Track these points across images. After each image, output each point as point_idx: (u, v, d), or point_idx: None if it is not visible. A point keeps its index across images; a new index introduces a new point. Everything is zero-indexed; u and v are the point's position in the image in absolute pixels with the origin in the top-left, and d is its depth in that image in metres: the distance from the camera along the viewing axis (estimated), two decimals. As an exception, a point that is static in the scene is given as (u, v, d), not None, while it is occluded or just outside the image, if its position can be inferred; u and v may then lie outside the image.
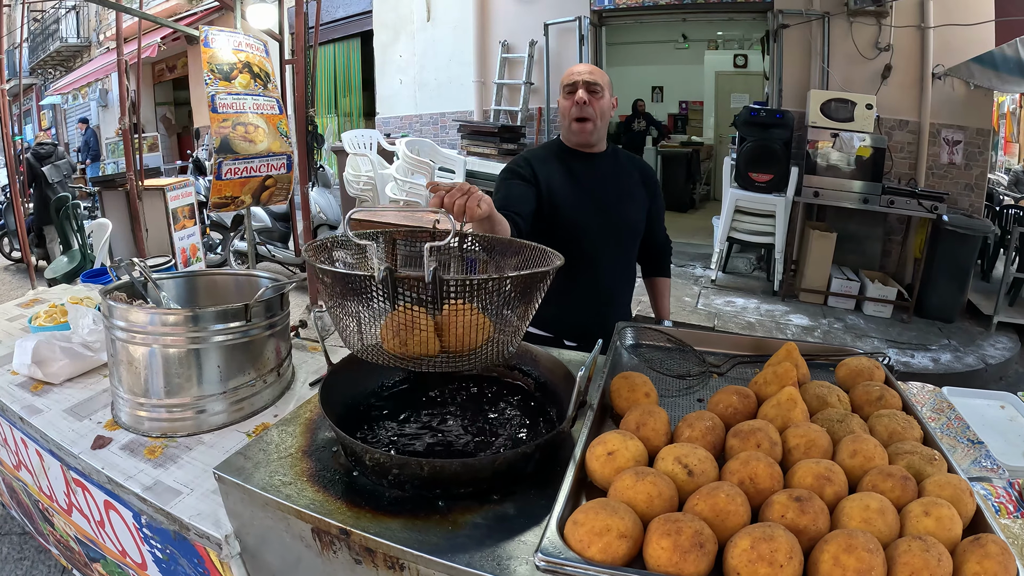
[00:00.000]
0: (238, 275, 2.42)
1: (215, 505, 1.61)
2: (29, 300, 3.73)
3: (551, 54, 9.58)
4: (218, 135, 4.25)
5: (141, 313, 1.91)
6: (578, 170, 2.67)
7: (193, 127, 17.69)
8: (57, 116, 24.80)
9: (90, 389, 2.41)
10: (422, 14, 10.90)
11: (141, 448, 1.93)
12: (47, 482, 2.46)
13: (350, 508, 1.32)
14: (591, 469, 1.36)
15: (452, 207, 1.69)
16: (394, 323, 1.37)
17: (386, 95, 11.88)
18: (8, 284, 9.69)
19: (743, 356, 2.09)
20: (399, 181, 7.44)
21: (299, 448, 1.54)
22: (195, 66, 16.99)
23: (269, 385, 2.08)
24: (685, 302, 7.03)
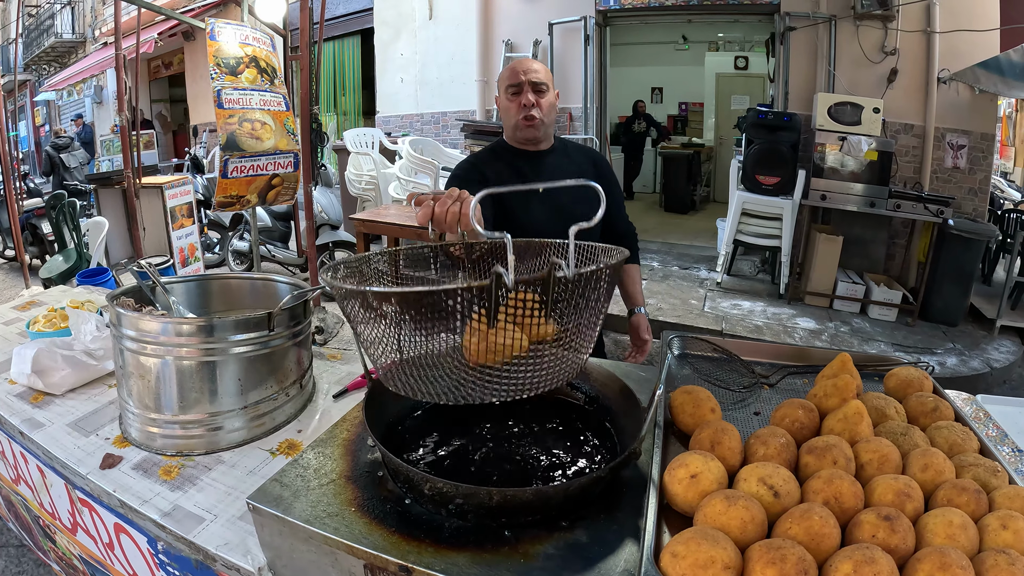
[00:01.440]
0: (254, 279, 2.29)
1: (244, 533, 1.48)
2: (25, 303, 3.58)
3: (555, 53, 9.53)
4: (224, 132, 4.12)
5: (153, 322, 1.77)
6: (526, 170, 2.59)
7: (189, 125, 17.67)
8: (51, 113, 24.57)
9: (95, 401, 2.27)
10: (424, 12, 10.84)
11: (155, 468, 1.79)
12: (49, 499, 2.32)
13: (408, 542, 1.21)
14: (672, 492, 1.29)
15: (445, 216, 1.59)
16: (486, 335, 1.23)
17: (387, 93, 11.80)
18: (1, 283, 9.47)
19: (791, 366, 2.05)
20: (402, 180, 7.46)
21: (341, 473, 1.42)
22: (192, 63, 17.01)
23: (291, 398, 1.96)
24: (692, 305, 7.01)
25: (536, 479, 1.41)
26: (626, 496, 1.38)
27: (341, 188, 8.94)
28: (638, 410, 1.50)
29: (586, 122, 9.33)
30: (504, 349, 1.24)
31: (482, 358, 1.25)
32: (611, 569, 1.18)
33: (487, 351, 1.24)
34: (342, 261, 1.50)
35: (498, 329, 1.22)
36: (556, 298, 1.23)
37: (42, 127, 25.29)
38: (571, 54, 9.38)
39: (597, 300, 1.31)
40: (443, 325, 1.26)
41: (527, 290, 1.21)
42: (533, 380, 1.27)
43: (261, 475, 1.69)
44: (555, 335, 1.31)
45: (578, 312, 1.29)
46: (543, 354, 1.30)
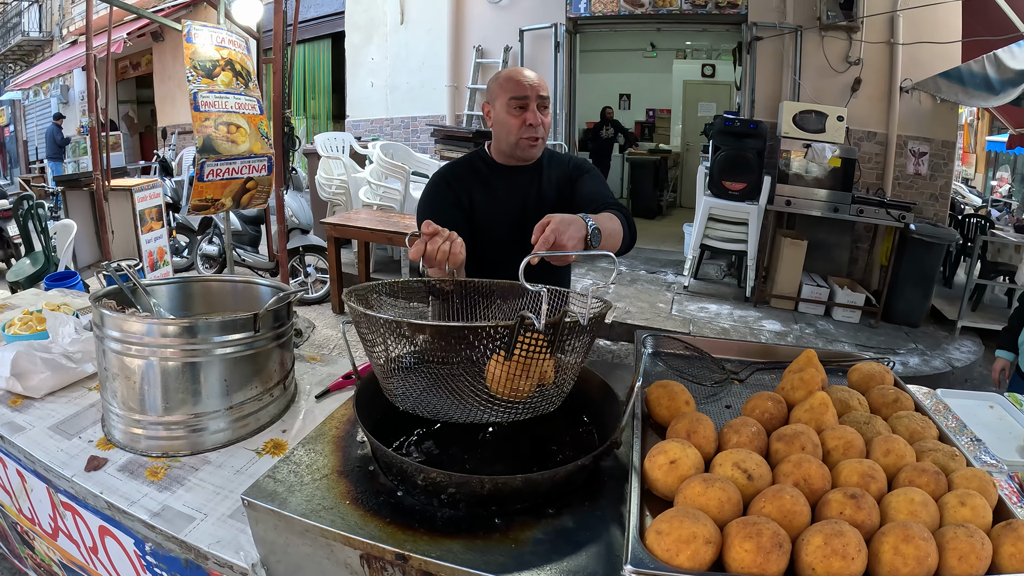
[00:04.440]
0: (236, 282, 2.29)
1: (235, 531, 1.50)
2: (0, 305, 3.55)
3: (526, 60, 9.59)
4: (200, 134, 4.09)
5: (138, 323, 1.78)
6: (501, 187, 2.47)
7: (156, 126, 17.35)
8: (16, 112, 23.91)
9: (76, 404, 2.26)
10: (395, 16, 10.86)
11: (141, 469, 1.79)
12: (28, 504, 2.29)
13: (403, 531, 1.24)
14: (653, 478, 1.36)
15: (436, 253, 1.69)
16: (509, 369, 1.34)
17: (357, 98, 11.78)
18: None
19: (760, 363, 2.14)
20: (373, 185, 7.44)
21: (333, 468, 1.44)
22: (160, 64, 16.72)
23: (275, 399, 1.97)
24: (660, 308, 7.08)
25: (523, 471, 1.43)
26: (607, 485, 1.45)
27: (311, 192, 8.90)
28: (616, 404, 1.56)
29: (555, 128, 9.37)
30: (528, 383, 1.37)
31: (504, 390, 1.35)
32: (599, 551, 1.24)
33: (511, 384, 1.35)
34: (355, 288, 1.58)
35: (526, 365, 1.33)
36: (563, 339, 1.36)
37: (7, 127, 24.78)
38: (541, 60, 9.42)
39: (592, 339, 1.45)
40: (459, 356, 1.36)
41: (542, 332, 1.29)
42: (536, 407, 1.42)
43: (248, 474, 1.70)
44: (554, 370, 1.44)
45: (578, 351, 1.44)
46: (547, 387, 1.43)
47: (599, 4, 9.01)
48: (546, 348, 1.34)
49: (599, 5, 9.01)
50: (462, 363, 1.36)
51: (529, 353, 1.32)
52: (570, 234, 1.75)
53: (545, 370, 1.39)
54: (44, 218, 6.91)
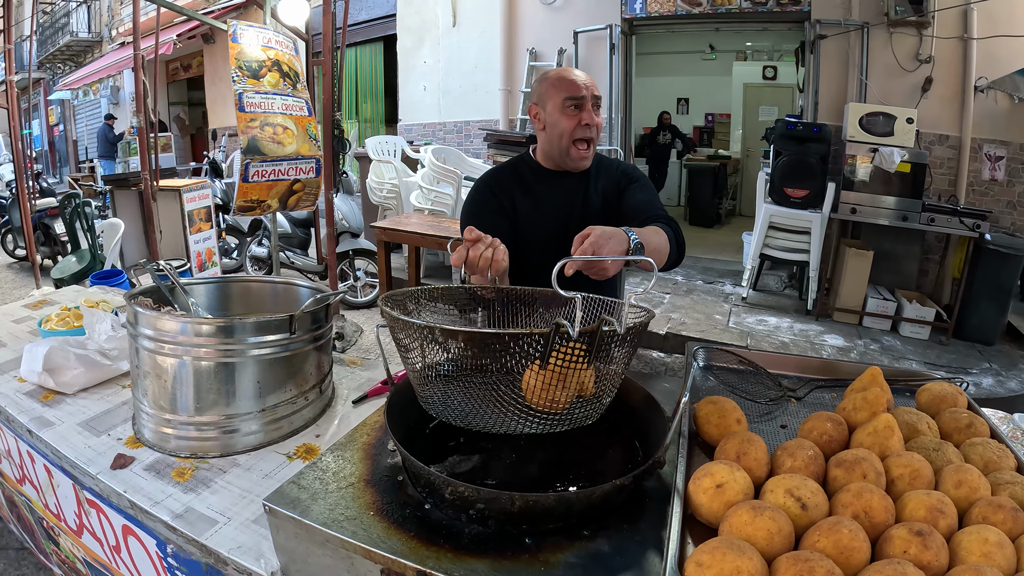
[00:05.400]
0: (275, 283, 2.28)
1: (258, 537, 1.46)
2: (37, 301, 3.57)
3: (580, 63, 9.28)
4: (245, 135, 4.10)
5: (172, 321, 1.75)
6: (546, 194, 2.41)
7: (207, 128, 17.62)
8: (65, 112, 24.67)
9: (107, 401, 2.25)
10: (447, 19, 10.70)
11: (168, 469, 1.77)
12: (55, 500, 2.30)
13: (427, 547, 1.19)
14: (697, 502, 1.28)
15: (478, 260, 1.67)
16: (545, 378, 1.29)
17: (409, 101, 11.68)
18: (11, 283, 9.55)
19: (820, 380, 2.02)
20: (424, 190, 7.41)
21: (360, 477, 1.39)
22: (211, 66, 16.97)
23: (310, 403, 1.93)
24: (716, 320, 6.89)
25: (557, 486, 1.39)
26: (648, 507, 1.36)
27: (362, 196, 8.87)
28: (662, 420, 1.48)
29: (610, 133, 9.20)
30: (565, 394, 1.31)
31: (540, 400, 1.30)
32: (634, 580, 1.15)
33: (547, 394, 1.30)
34: (391, 294, 1.54)
35: (562, 375, 1.28)
36: (601, 348, 1.30)
37: (56, 126, 25.51)
38: (595, 63, 9.13)
39: (633, 349, 1.40)
40: (494, 363, 1.33)
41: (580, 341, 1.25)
42: (573, 419, 1.36)
43: (277, 479, 1.66)
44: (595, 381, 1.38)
45: (618, 362, 1.38)
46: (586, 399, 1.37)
47: (655, 4, 8.79)
48: (583, 358, 1.27)
49: (655, 5, 8.79)
50: (497, 371, 1.31)
51: (566, 363, 1.26)
52: (610, 248, 1.67)
53: (584, 381, 1.33)
54: (91, 216, 7.05)
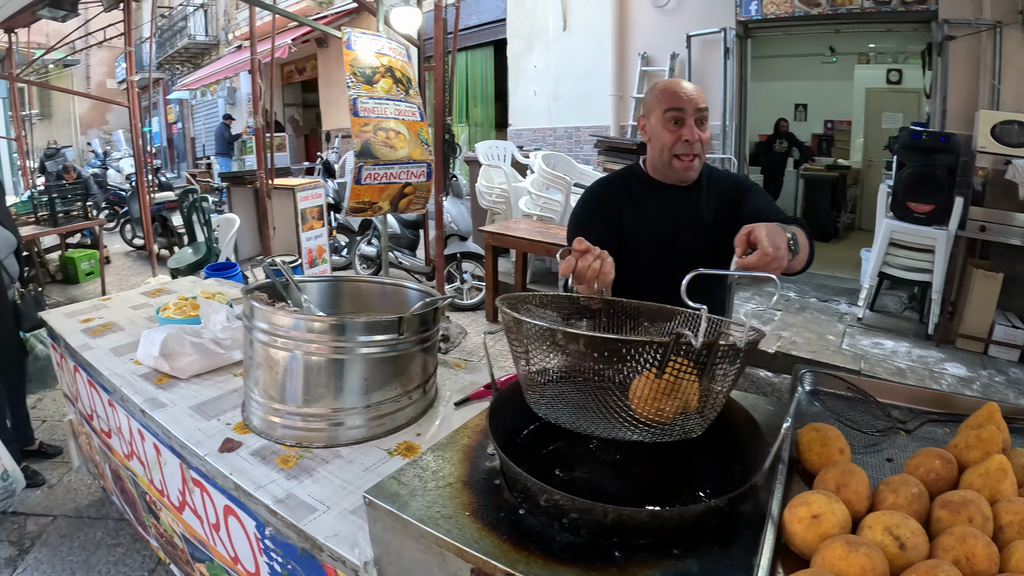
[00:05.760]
0: (385, 284, 2.35)
1: (354, 527, 1.51)
2: (155, 289, 3.75)
3: (694, 68, 8.99)
4: (359, 139, 4.23)
5: (286, 317, 1.84)
6: (653, 206, 2.34)
7: (321, 129, 18.21)
8: (184, 111, 26.12)
9: (219, 388, 2.36)
10: (558, 23, 10.54)
11: (274, 456, 1.85)
12: (160, 477, 2.42)
13: (518, 551, 1.20)
14: (791, 531, 1.23)
15: (586, 271, 1.67)
16: (657, 387, 1.29)
17: (519, 106, 11.59)
18: (128, 270, 10.10)
19: (933, 413, 1.91)
20: (533, 195, 7.38)
21: (458, 478, 1.43)
22: (324, 69, 17.52)
23: (413, 402, 1.99)
24: (829, 340, 6.58)
25: (651, 502, 1.39)
26: (741, 531, 1.33)
27: (471, 199, 8.89)
28: (762, 443, 1.45)
29: (724, 141, 8.87)
30: (673, 406, 1.31)
31: (648, 410, 1.31)
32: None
33: (655, 405, 1.30)
34: (506, 297, 1.55)
35: (674, 386, 1.28)
36: (714, 362, 1.29)
37: (174, 124, 26.86)
38: (709, 68, 8.80)
39: (743, 367, 1.39)
40: (608, 369, 1.33)
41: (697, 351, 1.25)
42: (676, 432, 1.35)
43: (377, 473, 1.72)
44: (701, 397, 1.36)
45: (727, 379, 1.36)
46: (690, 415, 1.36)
47: (771, 5, 8.36)
48: (696, 371, 1.28)
49: (771, 6, 8.36)
50: (610, 377, 1.33)
51: (679, 374, 1.27)
52: (780, 244, 1.55)
53: (690, 396, 1.33)
54: (208, 211, 7.35)
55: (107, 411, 2.84)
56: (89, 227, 8.56)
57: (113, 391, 2.54)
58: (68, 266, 9.22)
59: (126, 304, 3.54)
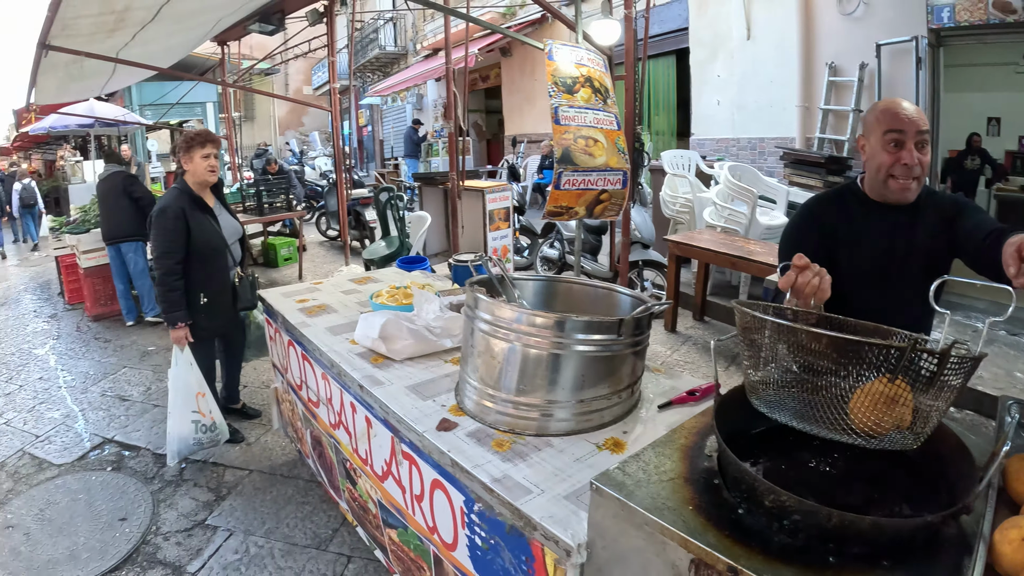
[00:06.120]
0: (597, 288, 2.45)
1: (568, 512, 1.61)
2: (362, 277, 4.05)
3: (884, 78, 8.53)
4: (560, 146, 4.38)
5: (509, 310, 1.97)
6: (869, 226, 2.30)
7: (503, 135, 18.80)
8: (374, 115, 27.88)
9: (432, 372, 2.54)
10: (741, 31, 10.36)
11: (488, 439, 1.99)
12: (367, 447, 2.63)
13: (739, 546, 1.25)
14: (999, 552, 1.25)
15: (806, 286, 1.70)
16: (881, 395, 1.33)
17: (702, 115, 11.42)
18: (322, 259, 10.93)
19: None
20: (718, 206, 7.31)
21: (679, 474, 1.49)
22: (508, 77, 17.99)
23: (621, 402, 2.08)
24: (1017, 378, 6.07)
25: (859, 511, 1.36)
26: (944, 552, 1.33)
27: (654, 208, 8.88)
28: (970, 466, 1.45)
29: None
30: (892, 416, 1.34)
31: (866, 419, 1.34)
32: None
33: (875, 414, 1.34)
34: (740, 301, 1.61)
35: (896, 395, 1.31)
36: (943, 373, 1.31)
37: (365, 127, 28.62)
38: (900, 79, 8.33)
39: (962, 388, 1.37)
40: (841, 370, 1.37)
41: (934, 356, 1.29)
42: (891, 442, 1.37)
43: (587, 464, 1.82)
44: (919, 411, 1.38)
45: (946, 396, 1.36)
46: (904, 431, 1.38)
47: (964, 12, 7.78)
48: (924, 381, 1.32)
49: (964, 13, 7.78)
50: (840, 377, 1.38)
51: (909, 382, 1.31)
52: None
53: (904, 413, 1.35)
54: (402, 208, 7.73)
55: (318, 383, 3.09)
56: (290, 218, 9.26)
57: (331, 366, 2.77)
58: (269, 251, 10.20)
59: (337, 289, 3.83)
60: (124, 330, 7.72)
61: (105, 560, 3.44)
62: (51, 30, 4.40)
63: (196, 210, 4.02)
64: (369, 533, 2.97)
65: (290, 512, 3.75)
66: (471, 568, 2.03)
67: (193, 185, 4.06)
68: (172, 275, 3.90)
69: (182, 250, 3.93)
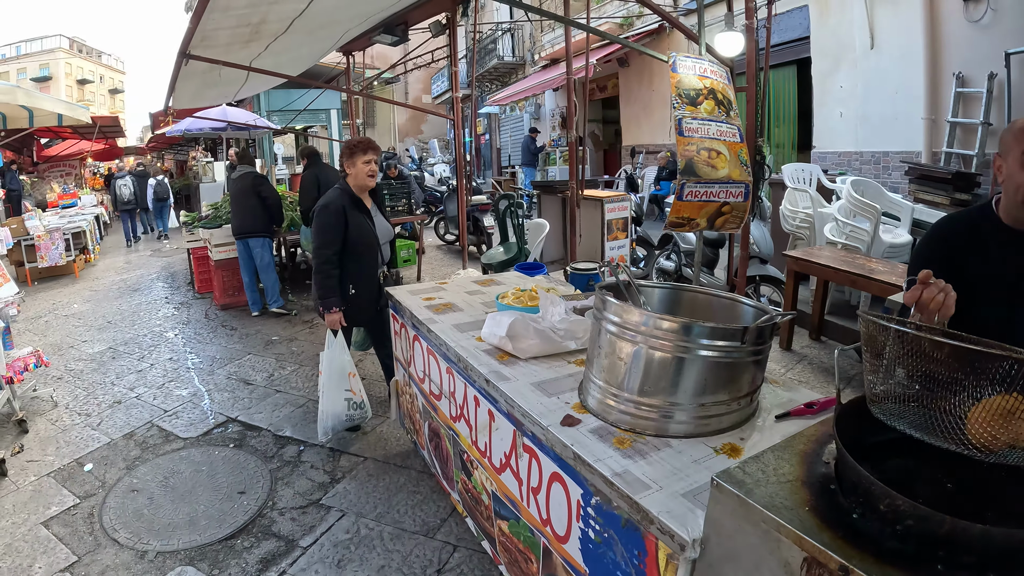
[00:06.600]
0: (720, 297, 2.51)
1: (684, 508, 1.69)
2: (486, 279, 4.21)
3: (1013, 89, 8.07)
4: (683, 157, 4.44)
5: (637, 314, 2.07)
6: (1000, 252, 2.16)
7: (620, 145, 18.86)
8: (491, 124, 28.62)
9: (555, 371, 2.66)
10: (865, 41, 10.06)
11: (609, 436, 2.08)
12: (487, 440, 2.76)
13: (851, 547, 1.29)
14: None
15: (930, 302, 1.73)
16: (1000, 409, 1.36)
17: (824, 128, 11.17)
18: (440, 261, 11.30)
19: None
20: (840, 223, 7.14)
21: (796, 477, 1.55)
22: (625, 88, 18.04)
23: (740, 409, 2.13)
24: None
25: None
26: None
27: (773, 222, 8.70)
28: None
29: None
30: (1008, 433, 1.36)
31: (983, 434, 1.37)
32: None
33: (991, 429, 1.36)
34: (864, 312, 1.63)
35: (1014, 412, 1.34)
36: None
37: (483, 135, 29.36)
38: None
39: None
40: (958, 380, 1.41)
41: None
42: (1012, 458, 1.38)
43: (705, 466, 1.89)
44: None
45: None
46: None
47: None
48: None
49: None
50: (958, 388, 1.40)
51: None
52: None
53: (1021, 431, 1.35)
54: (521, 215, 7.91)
55: (442, 377, 3.24)
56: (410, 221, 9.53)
57: (458, 361, 2.92)
58: (389, 252, 10.51)
59: (461, 289, 4.01)
60: (249, 320, 8.18)
61: (223, 528, 3.71)
62: (192, 41, 4.72)
63: (355, 209, 4.37)
64: (478, 524, 3.09)
65: (401, 499, 3.92)
66: (580, 561, 2.12)
67: (354, 187, 4.42)
68: (329, 263, 4.25)
69: (339, 243, 4.27)
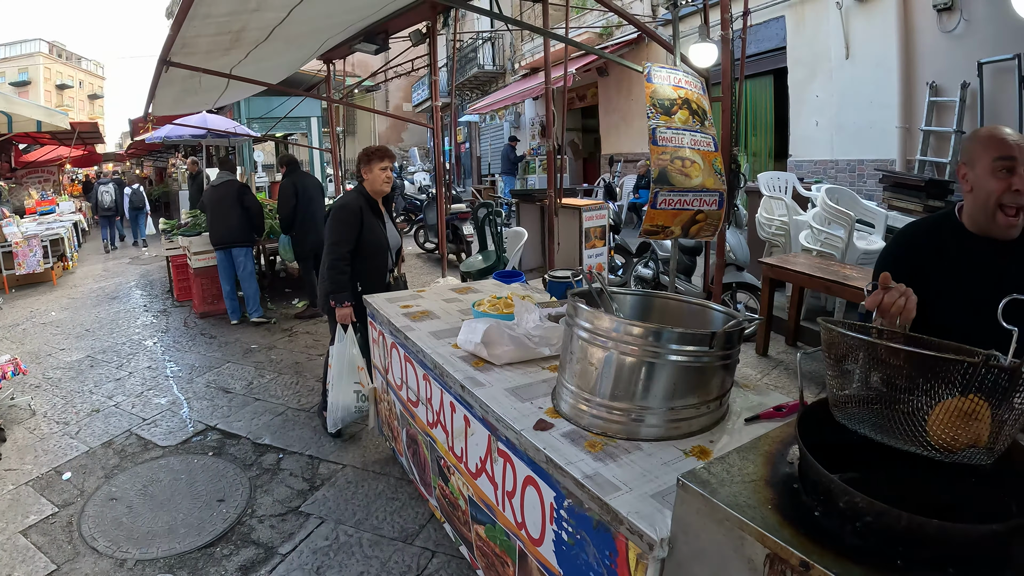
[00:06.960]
0: (691, 304, 2.54)
1: (653, 509, 1.72)
2: (463, 287, 4.24)
3: (986, 98, 8.25)
4: (657, 167, 4.49)
5: (607, 320, 2.10)
6: (963, 260, 2.19)
7: (600, 154, 18.95)
8: (472, 132, 28.59)
9: (529, 376, 2.69)
10: (840, 51, 10.28)
11: (581, 440, 2.11)
12: (463, 445, 2.78)
13: (812, 543, 1.32)
14: None
15: (891, 306, 1.78)
16: (958, 410, 1.38)
17: (800, 137, 11.36)
18: (419, 270, 11.32)
19: None
20: (815, 230, 7.22)
21: (760, 477, 1.58)
22: (604, 97, 18.12)
23: (709, 412, 2.16)
24: None
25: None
26: (1013, 564, 1.31)
27: (749, 230, 8.76)
28: None
29: None
30: (967, 434, 1.39)
31: (942, 435, 1.40)
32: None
33: (950, 430, 1.39)
34: (826, 319, 1.67)
35: (971, 413, 1.36)
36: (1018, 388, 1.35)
37: (463, 144, 29.43)
38: (1003, 99, 8.03)
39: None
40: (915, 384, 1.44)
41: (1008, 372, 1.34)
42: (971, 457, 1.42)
43: (674, 468, 1.92)
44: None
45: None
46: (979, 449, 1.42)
47: None
48: (996, 399, 1.34)
49: None
50: (916, 392, 1.43)
51: (984, 399, 1.34)
52: None
53: (980, 429, 1.38)
54: (499, 224, 7.96)
55: (419, 384, 3.26)
56: (390, 229, 9.57)
57: (434, 367, 2.95)
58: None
59: (438, 297, 4.04)
60: (229, 328, 8.16)
61: (201, 536, 3.72)
62: (172, 47, 4.75)
63: (370, 212, 4.52)
64: (456, 529, 3.11)
65: (380, 506, 3.94)
66: (555, 563, 2.15)
67: (370, 192, 4.58)
68: (341, 260, 4.38)
69: (352, 242, 4.42)
